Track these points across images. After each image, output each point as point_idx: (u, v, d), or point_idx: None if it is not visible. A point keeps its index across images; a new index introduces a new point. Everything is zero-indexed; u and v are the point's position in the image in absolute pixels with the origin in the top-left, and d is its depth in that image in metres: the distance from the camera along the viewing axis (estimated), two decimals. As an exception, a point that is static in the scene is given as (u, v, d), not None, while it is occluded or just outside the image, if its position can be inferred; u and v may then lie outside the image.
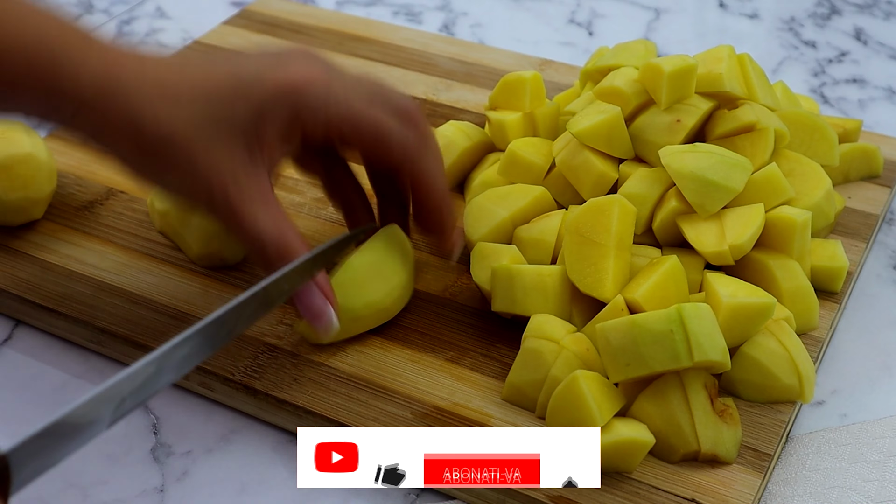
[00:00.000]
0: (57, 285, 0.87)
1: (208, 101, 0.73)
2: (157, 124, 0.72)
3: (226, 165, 0.73)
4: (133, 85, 0.72)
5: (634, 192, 0.83)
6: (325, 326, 0.76)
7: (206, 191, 0.74)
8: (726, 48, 0.87)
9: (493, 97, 0.96)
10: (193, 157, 0.73)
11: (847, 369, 0.83)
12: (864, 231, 0.91)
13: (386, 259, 0.81)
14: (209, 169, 0.73)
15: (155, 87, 0.73)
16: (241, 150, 0.74)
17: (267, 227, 0.74)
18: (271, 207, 0.75)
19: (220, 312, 0.69)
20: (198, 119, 0.73)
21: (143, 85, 0.72)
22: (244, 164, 0.74)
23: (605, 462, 0.71)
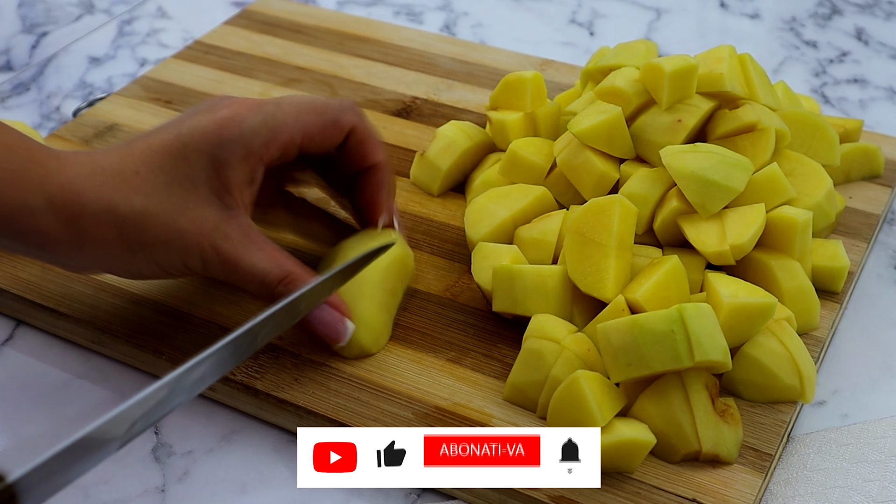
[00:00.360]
0: (58, 285, 0.87)
1: (163, 168, 0.74)
2: (127, 206, 0.73)
3: (206, 222, 0.75)
4: (93, 178, 0.73)
5: (635, 192, 0.83)
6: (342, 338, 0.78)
7: (198, 252, 0.75)
8: (727, 48, 0.87)
9: (494, 97, 0.96)
10: (174, 224, 0.74)
11: (848, 369, 0.83)
12: (865, 231, 0.91)
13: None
14: (192, 231, 0.74)
15: (112, 176, 0.74)
16: (214, 203, 0.75)
17: (267, 267, 0.76)
18: (264, 246, 0.77)
19: (234, 336, 0.68)
20: (163, 188, 0.74)
21: (101, 175, 0.74)
22: (221, 214, 0.75)
23: (607, 462, 0.71)
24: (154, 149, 0.75)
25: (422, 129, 1.04)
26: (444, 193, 0.96)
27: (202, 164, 0.75)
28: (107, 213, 0.73)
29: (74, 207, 0.72)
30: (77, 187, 0.72)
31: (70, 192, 0.72)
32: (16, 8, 1.35)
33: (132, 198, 0.73)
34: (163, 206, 0.74)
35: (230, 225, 0.75)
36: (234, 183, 0.76)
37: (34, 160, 0.73)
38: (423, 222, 0.93)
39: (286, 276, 0.76)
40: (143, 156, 0.75)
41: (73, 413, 0.80)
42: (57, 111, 1.15)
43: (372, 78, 1.12)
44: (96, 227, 0.73)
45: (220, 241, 0.75)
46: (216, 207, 0.75)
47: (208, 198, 0.75)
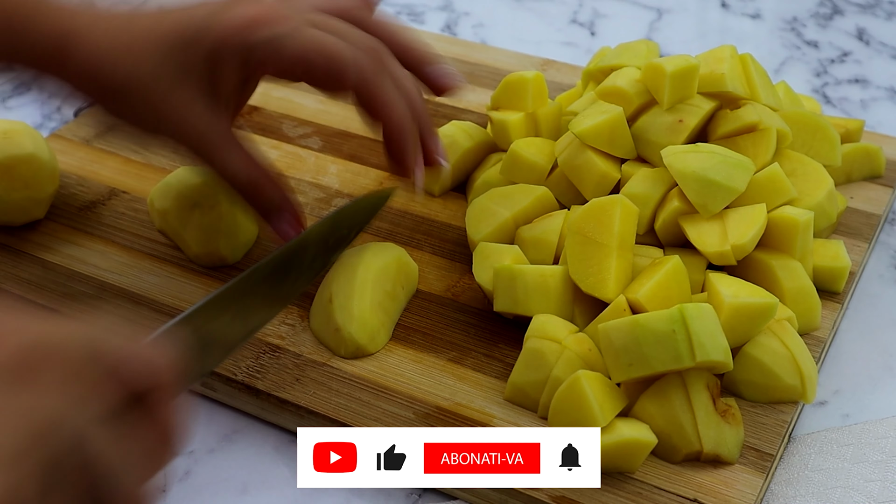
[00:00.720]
0: (59, 285, 0.87)
1: (159, 49, 0.74)
2: (112, 73, 0.74)
3: (187, 112, 0.76)
4: (86, 38, 0.74)
5: (637, 192, 0.83)
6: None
7: (175, 136, 0.77)
8: (728, 48, 0.87)
9: (496, 97, 0.96)
10: (155, 104, 0.75)
11: (849, 369, 0.83)
12: (866, 231, 0.91)
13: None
14: (172, 115, 0.76)
15: (107, 37, 0.75)
16: (200, 97, 0.76)
17: (237, 170, 0.78)
18: (237, 149, 0.78)
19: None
20: (152, 67, 0.74)
21: (95, 37, 0.75)
22: (204, 110, 0.76)
23: (608, 462, 0.71)
24: (161, 29, 0.75)
25: (423, 129, 1.04)
26: (446, 193, 0.96)
27: (199, 60, 0.75)
28: (92, 69, 0.75)
29: (63, 53, 0.75)
30: (68, 32, 0.75)
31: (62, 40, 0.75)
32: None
33: (121, 63, 0.75)
34: (150, 82, 0.75)
35: (212, 123, 0.76)
36: (226, 85, 0.76)
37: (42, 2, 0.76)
38: (424, 222, 0.93)
39: (252, 182, 0.78)
40: (148, 31, 0.75)
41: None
42: (58, 111, 1.15)
43: (373, 78, 1.12)
44: (80, 78, 0.76)
45: (198, 136, 0.76)
46: (201, 103, 0.76)
47: (196, 91, 0.75)
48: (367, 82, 0.77)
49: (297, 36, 0.75)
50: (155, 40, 0.75)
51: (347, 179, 0.98)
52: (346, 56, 0.76)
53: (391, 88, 0.79)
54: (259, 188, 0.78)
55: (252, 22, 0.74)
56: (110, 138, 1.03)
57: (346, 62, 0.76)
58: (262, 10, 0.75)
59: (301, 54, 0.75)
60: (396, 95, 0.79)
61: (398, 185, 0.87)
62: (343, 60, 0.76)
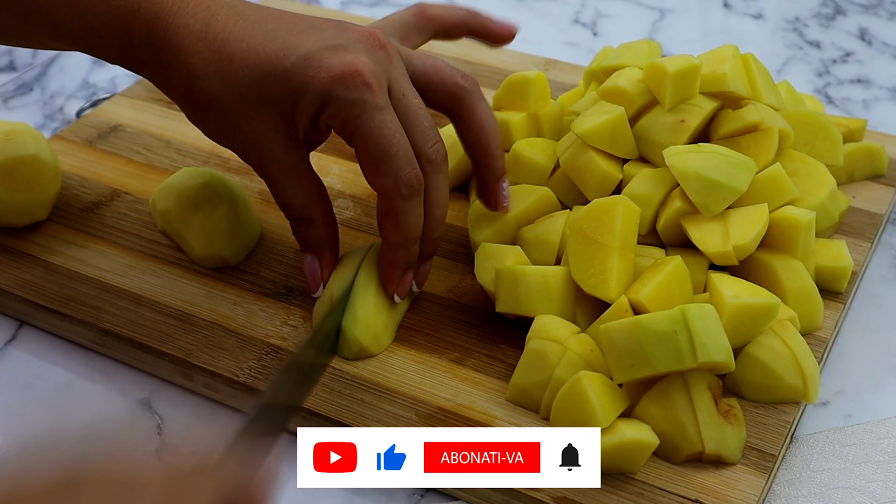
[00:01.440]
0: (61, 286, 0.87)
1: (254, 72, 0.75)
2: (207, 82, 0.76)
3: (264, 139, 0.77)
4: (194, 41, 0.75)
5: (638, 192, 0.83)
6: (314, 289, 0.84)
7: (247, 155, 0.79)
8: (731, 48, 0.87)
9: (498, 97, 0.96)
10: (239, 123, 0.77)
11: (851, 370, 0.83)
12: (868, 231, 0.91)
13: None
14: (250, 137, 0.78)
15: (213, 46, 0.76)
16: (279, 128, 0.77)
17: (294, 200, 0.80)
18: (305, 182, 0.80)
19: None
20: (244, 87, 0.76)
21: (202, 45, 0.75)
22: (281, 140, 0.78)
23: (609, 463, 0.71)
24: (259, 52, 0.75)
25: (425, 130, 1.04)
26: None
27: (284, 95, 0.75)
28: (187, 78, 0.76)
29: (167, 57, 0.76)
30: (176, 42, 0.76)
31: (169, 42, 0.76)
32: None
33: (214, 79, 0.76)
34: (234, 102, 0.76)
35: (285, 152, 0.78)
36: (302, 124, 0.77)
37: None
38: (426, 223, 0.93)
39: (306, 217, 0.81)
40: (247, 51, 0.76)
41: (77, 413, 0.80)
42: (60, 112, 1.15)
43: (375, 78, 1.12)
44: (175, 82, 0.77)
45: (268, 161, 0.79)
46: (279, 132, 0.77)
47: (276, 121, 0.77)
48: (391, 203, 0.78)
49: (373, 114, 0.75)
50: (253, 61, 0.75)
51: (349, 180, 0.98)
52: (393, 164, 0.77)
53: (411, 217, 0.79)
54: (310, 225, 0.81)
55: (342, 78, 0.75)
56: (112, 139, 1.03)
57: (389, 169, 0.77)
58: (358, 69, 0.75)
59: (362, 133, 0.76)
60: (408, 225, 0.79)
61: None
62: (387, 165, 0.77)
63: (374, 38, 0.78)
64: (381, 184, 0.77)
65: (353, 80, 0.75)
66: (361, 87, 0.75)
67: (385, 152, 0.76)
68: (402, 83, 0.78)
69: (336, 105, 0.75)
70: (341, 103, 0.75)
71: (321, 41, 0.76)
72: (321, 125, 0.77)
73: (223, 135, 0.79)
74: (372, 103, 0.75)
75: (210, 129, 0.80)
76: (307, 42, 0.76)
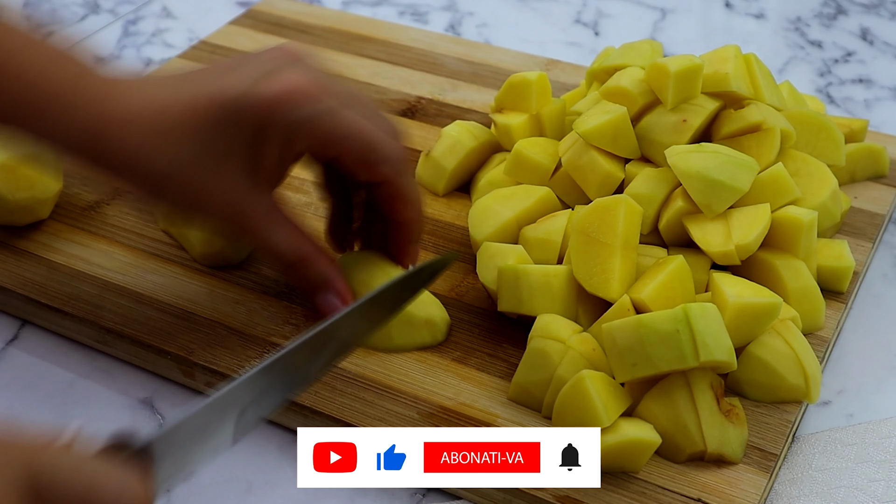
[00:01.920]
0: (63, 285, 0.87)
1: (201, 131, 0.72)
2: (153, 163, 0.72)
3: (231, 195, 0.74)
4: (123, 129, 0.72)
5: (640, 191, 0.83)
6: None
7: (216, 221, 0.77)
8: (732, 48, 0.87)
9: (499, 98, 0.96)
10: (197, 192, 0.74)
11: (853, 369, 0.83)
12: (870, 231, 0.91)
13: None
14: (214, 201, 0.74)
15: (144, 125, 0.72)
16: (242, 178, 0.74)
17: (282, 246, 0.76)
18: (283, 226, 0.76)
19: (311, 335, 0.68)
20: (194, 152, 0.73)
21: (133, 126, 0.72)
22: (248, 190, 0.75)
23: (612, 462, 0.71)
24: (197, 109, 0.72)
25: (427, 129, 1.04)
26: (450, 193, 0.96)
27: (241, 140, 0.73)
28: (128, 163, 0.73)
29: (96, 149, 0.73)
30: (101, 130, 0.72)
31: (93, 133, 0.72)
32: (21, 8, 1.35)
33: (158, 155, 0.72)
34: (188, 172, 0.73)
35: (254, 201, 0.75)
36: (267, 162, 0.74)
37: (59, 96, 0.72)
38: (427, 222, 0.92)
39: (300, 259, 0.77)
40: (183, 114, 0.72)
41: (79, 413, 0.80)
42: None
43: (377, 78, 1.12)
44: (117, 171, 0.74)
45: (240, 215, 0.75)
46: (243, 182, 0.74)
47: (237, 171, 0.74)
48: (397, 178, 0.78)
49: (337, 116, 0.74)
50: (195, 123, 0.72)
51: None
52: (382, 148, 0.76)
53: (415, 186, 0.80)
54: (306, 264, 0.77)
55: (291, 97, 0.73)
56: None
57: (380, 154, 0.76)
58: (301, 83, 0.73)
59: (339, 137, 0.75)
60: (418, 194, 0.80)
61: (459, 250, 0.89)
62: (378, 152, 0.76)
63: (295, 52, 0.77)
64: (380, 172, 0.77)
65: (300, 97, 0.73)
66: (311, 98, 0.73)
67: (369, 143, 0.75)
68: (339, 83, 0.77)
69: (299, 128, 0.73)
70: (302, 123, 0.73)
71: (250, 75, 0.74)
72: (287, 157, 0.75)
73: (186, 208, 0.76)
74: (330, 107, 0.74)
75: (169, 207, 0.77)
76: (237, 82, 0.73)
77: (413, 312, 0.79)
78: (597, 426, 0.70)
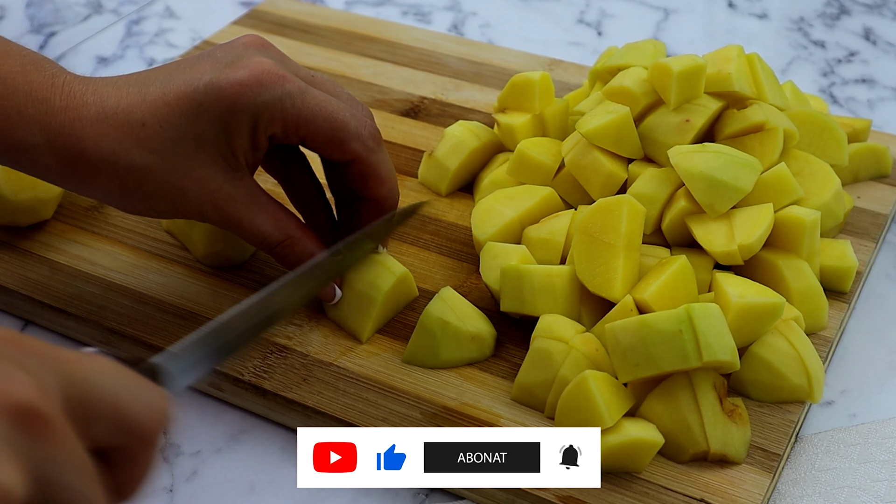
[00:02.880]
0: (66, 285, 0.87)
1: (173, 123, 0.74)
2: (129, 157, 0.73)
3: (210, 182, 0.75)
4: (96, 126, 0.73)
5: (643, 192, 0.83)
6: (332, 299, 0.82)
7: (199, 210, 0.77)
8: (735, 48, 0.87)
9: (502, 98, 0.96)
10: (176, 182, 0.75)
11: (856, 369, 0.83)
12: (873, 231, 0.91)
13: None
14: (195, 191, 0.75)
15: (119, 118, 0.73)
16: (219, 164, 0.75)
17: (268, 229, 0.78)
18: (267, 207, 0.78)
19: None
20: (168, 145, 0.74)
21: (108, 120, 0.73)
22: (226, 176, 0.76)
23: (614, 462, 0.71)
24: (167, 101, 0.74)
25: (430, 129, 1.04)
26: (452, 193, 0.96)
27: (213, 127, 0.74)
28: (105, 163, 0.73)
29: (73, 151, 0.73)
30: (78, 132, 0.73)
31: (70, 136, 0.73)
32: (24, 8, 1.35)
33: (134, 151, 0.73)
34: (166, 164, 0.74)
35: (234, 187, 0.76)
36: (241, 148, 0.75)
37: (36, 97, 0.73)
38: (430, 222, 0.93)
39: (286, 238, 0.78)
40: (153, 107, 0.74)
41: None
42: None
43: (380, 78, 1.13)
44: (94, 173, 0.74)
45: (223, 202, 0.76)
46: (221, 168, 0.75)
47: (214, 158, 0.75)
48: (368, 155, 0.79)
49: (304, 96, 0.76)
50: (166, 115, 0.73)
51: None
52: (351, 125, 0.77)
53: (387, 163, 0.80)
54: (293, 242, 0.79)
55: (258, 80, 0.74)
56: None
57: (350, 131, 0.77)
58: (265, 69, 0.75)
59: (307, 117, 0.76)
60: (390, 171, 0.81)
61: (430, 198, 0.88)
62: (347, 129, 0.77)
63: (257, 41, 0.78)
64: (351, 150, 0.77)
65: (267, 80, 0.74)
66: (278, 81, 0.74)
67: (336, 120, 0.76)
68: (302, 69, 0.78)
69: (267, 110, 0.74)
70: (271, 106, 0.74)
71: (216, 64, 0.75)
72: (260, 140, 0.76)
73: (168, 203, 0.76)
74: (297, 89, 0.75)
75: (151, 205, 0.77)
76: (203, 71, 0.74)
77: (460, 328, 0.79)
78: (600, 426, 0.70)
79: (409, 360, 0.80)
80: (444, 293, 0.79)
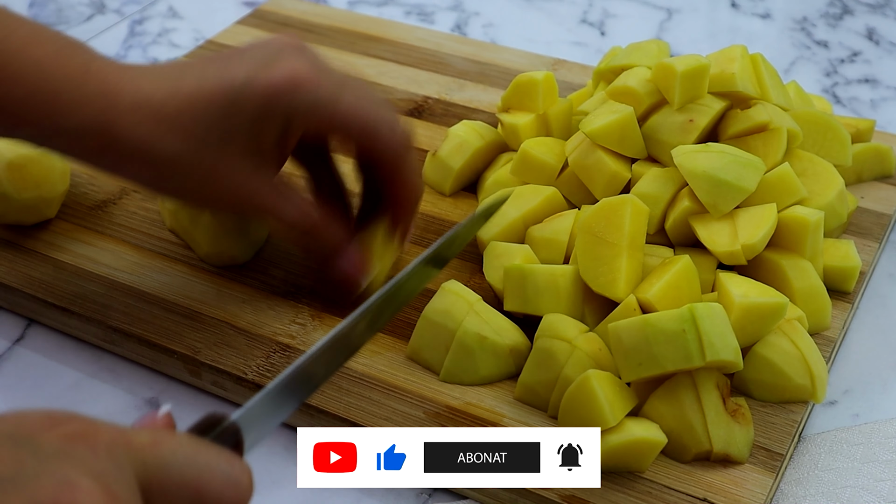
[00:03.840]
0: (70, 284, 0.87)
1: (206, 116, 0.74)
2: (161, 147, 0.74)
3: (239, 174, 0.76)
4: (132, 112, 0.73)
5: (647, 191, 0.83)
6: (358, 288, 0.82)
7: (227, 201, 0.78)
8: (739, 48, 0.87)
9: (506, 98, 0.96)
10: (206, 175, 0.75)
11: (859, 369, 0.83)
12: (876, 231, 0.91)
13: None
14: (223, 183, 0.76)
15: (152, 109, 0.73)
16: (248, 157, 0.76)
17: (295, 216, 0.79)
18: (291, 197, 0.79)
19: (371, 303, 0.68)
20: (199, 136, 0.74)
21: (141, 110, 0.73)
22: (254, 168, 0.76)
23: (617, 462, 0.71)
24: (201, 96, 0.74)
25: (434, 129, 1.04)
26: (456, 193, 0.96)
27: (245, 125, 0.74)
28: (138, 151, 0.73)
29: (107, 138, 0.73)
30: (112, 119, 0.73)
31: (104, 123, 0.73)
32: (27, 8, 1.35)
33: (166, 142, 0.74)
34: (197, 154, 0.74)
35: (261, 179, 0.77)
36: (270, 146, 0.76)
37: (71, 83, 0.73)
38: (434, 222, 0.93)
39: (313, 226, 0.80)
40: (187, 100, 0.74)
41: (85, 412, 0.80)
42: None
43: (383, 77, 1.13)
44: (127, 159, 0.74)
45: (250, 195, 0.77)
46: (250, 161, 0.76)
47: (243, 151, 0.75)
48: (399, 160, 0.80)
49: (337, 101, 0.76)
50: (200, 109, 0.74)
51: (358, 179, 0.98)
52: (382, 130, 0.78)
53: (416, 166, 0.81)
54: (319, 230, 0.80)
55: (293, 84, 0.74)
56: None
57: (381, 127, 0.78)
58: (302, 69, 0.75)
59: (339, 122, 0.77)
60: (419, 174, 0.82)
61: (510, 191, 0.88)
62: (378, 134, 0.78)
63: (294, 41, 0.78)
64: (381, 154, 0.79)
65: (302, 84, 0.75)
66: (312, 85, 0.75)
67: (370, 119, 0.77)
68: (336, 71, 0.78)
69: (300, 114, 0.75)
70: (304, 109, 0.75)
71: (252, 63, 0.75)
72: (290, 141, 0.77)
73: (196, 191, 0.77)
74: (330, 94, 0.76)
75: (180, 193, 0.78)
76: (239, 69, 0.75)
77: (497, 342, 0.78)
78: (603, 426, 0.70)
79: (446, 378, 0.79)
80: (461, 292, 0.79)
